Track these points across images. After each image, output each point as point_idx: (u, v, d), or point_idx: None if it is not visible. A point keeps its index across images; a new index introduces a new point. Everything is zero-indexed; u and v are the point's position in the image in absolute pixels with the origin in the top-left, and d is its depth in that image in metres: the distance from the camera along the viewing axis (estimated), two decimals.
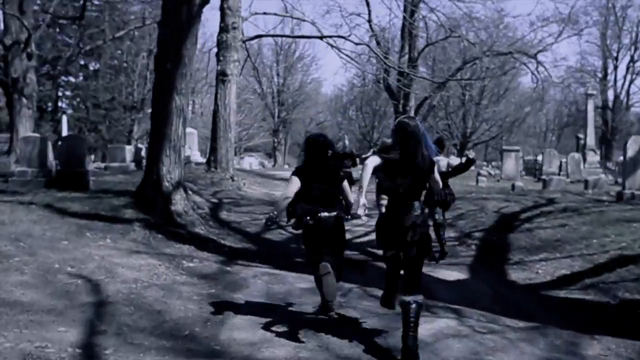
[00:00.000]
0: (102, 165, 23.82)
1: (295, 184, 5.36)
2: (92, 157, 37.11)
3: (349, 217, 5.56)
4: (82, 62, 50.37)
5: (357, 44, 18.61)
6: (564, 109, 72.28)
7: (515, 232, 9.79)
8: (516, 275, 7.91)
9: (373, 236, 5.47)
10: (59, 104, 48.60)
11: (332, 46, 17.77)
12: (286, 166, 58.31)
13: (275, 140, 57.73)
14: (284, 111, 56.98)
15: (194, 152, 24.42)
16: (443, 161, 8.82)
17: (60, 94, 48.57)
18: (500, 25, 24.25)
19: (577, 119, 54.19)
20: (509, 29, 23.58)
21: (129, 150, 20.54)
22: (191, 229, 9.54)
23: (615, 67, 48.66)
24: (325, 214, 5.34)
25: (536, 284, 7.42)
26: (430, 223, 6.99)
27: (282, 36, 17.40)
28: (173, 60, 10.18)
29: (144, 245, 8.12)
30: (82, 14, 20.00)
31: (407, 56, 24.36)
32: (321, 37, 17.36)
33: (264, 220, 5.53)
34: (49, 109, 47.19)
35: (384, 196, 5.98)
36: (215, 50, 17.89)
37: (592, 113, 26.95)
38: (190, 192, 13.67)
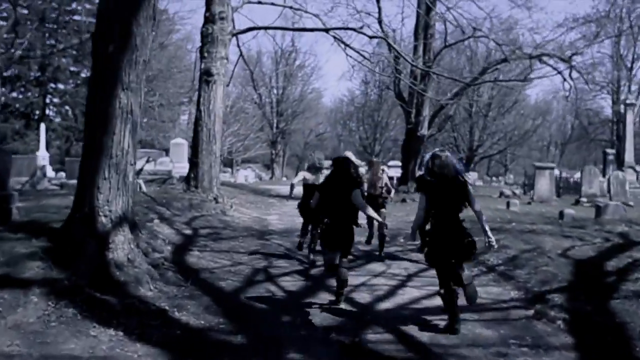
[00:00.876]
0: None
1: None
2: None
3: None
4: (72, 69, 47.23)
5: (371, 37, 15.39)
6: (570, 122, 69.30)
7: (618, 298, 6.46)
8: None
9: None
10: (47, 112, 45.26)
11: (340, 42, 14.53)
12: (284, 179, 54.94)
13: (273, 151, 54.43)
14: (283, 121, 53.77)
15: (176, 165, 21.03)
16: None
17: (47, 101, 45.26)
18: (521, 29, 20.99)
19: (585, 132, 50.95)
20: (534, 30, 20.18)
21: None
22: (134, 291, 6.19)
23: (630, 79, 45.38)
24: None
25: None
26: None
27: (280, 29, 14.20)
28: (118, 41, 6.90)
29: (28, 338, 4.71)
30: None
31: (420, 59, 21.10)
32: (326, 30, 14.11)
33: None
34: (36, 117, 43.86)
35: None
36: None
37: (632, 126, 23.41)
38: (156, 221, 10.38)
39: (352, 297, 6.88)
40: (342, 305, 6.41)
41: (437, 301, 6.40)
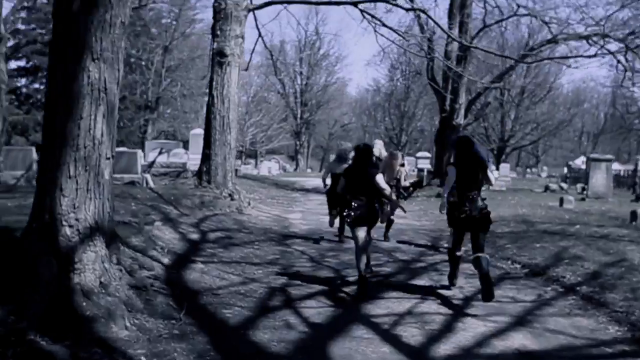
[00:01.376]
0: None
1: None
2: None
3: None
4: None
5: (408, 9, 13.41)
6: (603, 112, 66.12)
7: None
8: None
9: None
10: None
11: (371, 18, 12.63)
12: (309, 170, 53.19)
13: (298, 142, 52.70)
14: (307, 112, 51.95)
15: (192, 157, 19.26)
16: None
17: None
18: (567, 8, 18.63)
19: (624, 121, 48.01)
20: (581, 9, 17.91)
21: None
22: (102, 331, 4.48)
23: None
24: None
25: None
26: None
27: (302, 2, 12.27)
28: None
29: None
30: None
31: (456, 42, 19.03)
32: (355, 3, 12.21)
33: None
34: None
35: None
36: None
37: None
38: (158, 224, 8.72)
39: (398, 335, 5.08)
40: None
41: (514, 342, 4.86)
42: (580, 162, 39.78)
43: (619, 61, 17.32)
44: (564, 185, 21.24)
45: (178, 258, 7.34)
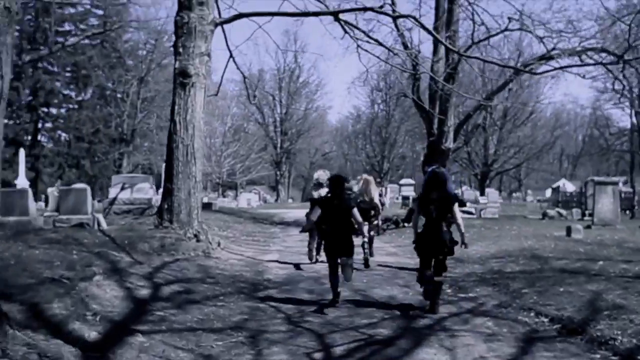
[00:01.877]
0: None
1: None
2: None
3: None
4: (65, 92, 44.15)
5: (396, 17, 11.91)
6: (582, 134, 65.66)
7: None
8: None
9: None
10: (38, 137, 41.98)
11: (354, 29, 11.12)
12: (290, 200, 51.38)
13: (278, 172, 51.00)
14: (287, 141, 50.40)
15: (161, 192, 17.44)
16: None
17: (40, 125, 42.00)
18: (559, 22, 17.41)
19: (606, 142, 47.14)
20: (573, 23, 16.69)
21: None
22: None
23: None
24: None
25: None
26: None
27: (274, 14, 10.73)
28: None
29: None
30: None
31: (442, 60, 17.67)
32: (335, 14, 10.67)
33: None
34: (27, 142, 40.58)
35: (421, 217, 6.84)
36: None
37: None
38: (98, 278, 6.98)
39: None
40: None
41: None
42: (562, 184, 38.68)
43: (616, 77, 16.01)
44: (563, 211, 19.78)
45: (113, 328, 5.55)
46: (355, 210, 7.06)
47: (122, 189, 15.12)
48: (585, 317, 6.22)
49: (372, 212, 10.26)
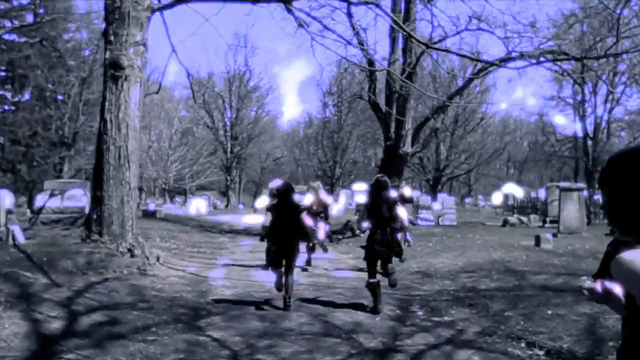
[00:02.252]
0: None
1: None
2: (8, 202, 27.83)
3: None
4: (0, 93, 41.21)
5: (354, 3, 10.78)
6: (527, 140, 66.66)
7: None
8: None
9: None
10: None
11: (305, 23, 9.97)
12: (241, 206, 49.62)
13: (229, 178, 49.24)
14: (238, 145, 48.71)
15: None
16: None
17: None
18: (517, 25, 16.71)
19: (553, 149, 47.61)
20: (533, 25, 16.08)
21: None
22: None
23: (594, 94, 42.42)
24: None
25: None
26: None
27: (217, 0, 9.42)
28: None
29: None
30: None
31: (399, 61, 16.73)
32: (287, 1, 9.48)
33: None
34: None
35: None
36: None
37: None
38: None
39: None
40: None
41: None
42: (508, 189, 38.62)
43: (575, 81, 15.46)
44: (524, 218, 19.19)
45: None
46: (305, 215, 7.34)
47: (51, 195, 13.43)
48: (585, 349, 5.24)
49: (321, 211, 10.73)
